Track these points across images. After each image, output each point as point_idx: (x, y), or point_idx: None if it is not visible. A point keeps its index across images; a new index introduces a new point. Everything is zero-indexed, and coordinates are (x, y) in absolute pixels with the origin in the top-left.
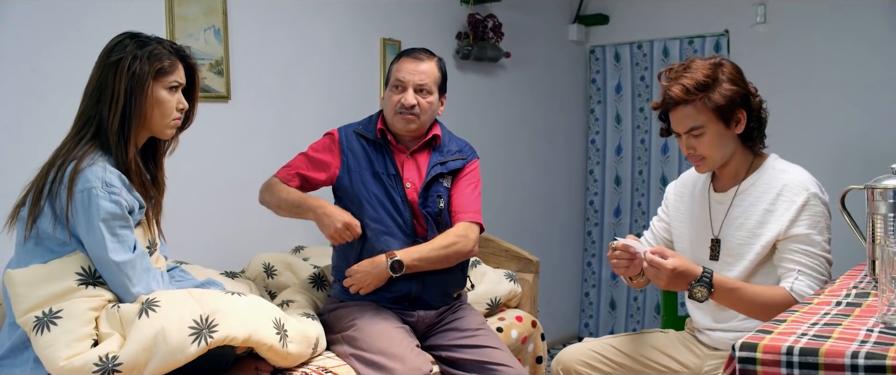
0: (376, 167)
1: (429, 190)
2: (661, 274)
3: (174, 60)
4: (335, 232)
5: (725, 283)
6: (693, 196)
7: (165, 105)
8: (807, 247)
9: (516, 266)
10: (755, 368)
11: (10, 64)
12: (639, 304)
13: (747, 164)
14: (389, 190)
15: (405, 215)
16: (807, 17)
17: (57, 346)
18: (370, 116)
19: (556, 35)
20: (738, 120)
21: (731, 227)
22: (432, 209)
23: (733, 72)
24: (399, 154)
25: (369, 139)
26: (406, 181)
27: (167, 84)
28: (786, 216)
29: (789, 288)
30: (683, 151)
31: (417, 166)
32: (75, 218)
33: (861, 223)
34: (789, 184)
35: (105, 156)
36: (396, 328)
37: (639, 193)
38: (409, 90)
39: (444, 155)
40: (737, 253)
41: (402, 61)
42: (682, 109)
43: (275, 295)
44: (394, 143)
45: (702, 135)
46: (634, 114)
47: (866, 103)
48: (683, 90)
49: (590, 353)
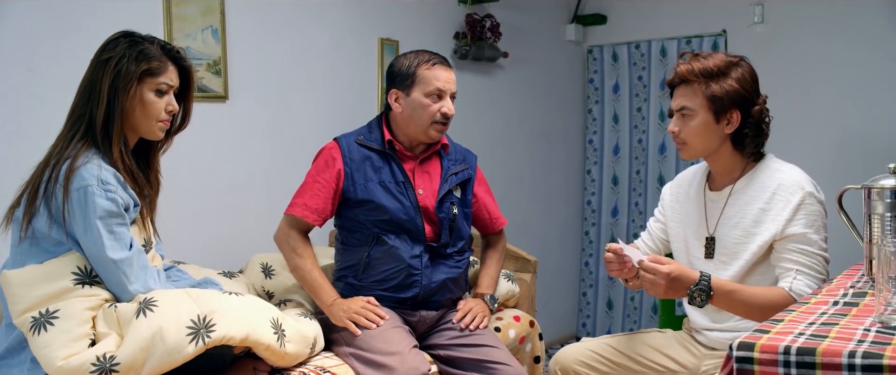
0: (383, 177)
1: (444, 197)
2: (659, 280)
3: (165, 62)
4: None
5: (723, 286)
6: (688, 195)
7: (151, 107)
8: (804, 246)
9: (514, 266)
10: (752, 367)
11: (7, 64)
12: (636, 304)
13: (741, 164)
14: (398, 197)
15: (417, 221)
16: (804, 17)
17: (54, 346)
18: (369, 124)
19: (553, 35)
20: (730, 119)
21: (726, 226)
22: (446, 215)
23: (745, 75)
24: (407, 161)
25: (374, 149)
26: (418, 187)
27: (155, 86)
28: (782, 215)
29: (788, 288)
30: (669, 130)
31: (428, 173)
32: (72, 216)
33: (858, 223)
34: (784, 184)
35: (99, 154)
36: (395, 327)
37: (636, 193)
38: (448, 99)
39: (453, 163)
40: (732, 252)
41: (437, 69)
42: (682, 87)
43: (272, 296)
44: (403, 151)
45: (689, 118)
46: (632, 114)
47: (864, 103)
48: (689, 71)
49: (588, 353)
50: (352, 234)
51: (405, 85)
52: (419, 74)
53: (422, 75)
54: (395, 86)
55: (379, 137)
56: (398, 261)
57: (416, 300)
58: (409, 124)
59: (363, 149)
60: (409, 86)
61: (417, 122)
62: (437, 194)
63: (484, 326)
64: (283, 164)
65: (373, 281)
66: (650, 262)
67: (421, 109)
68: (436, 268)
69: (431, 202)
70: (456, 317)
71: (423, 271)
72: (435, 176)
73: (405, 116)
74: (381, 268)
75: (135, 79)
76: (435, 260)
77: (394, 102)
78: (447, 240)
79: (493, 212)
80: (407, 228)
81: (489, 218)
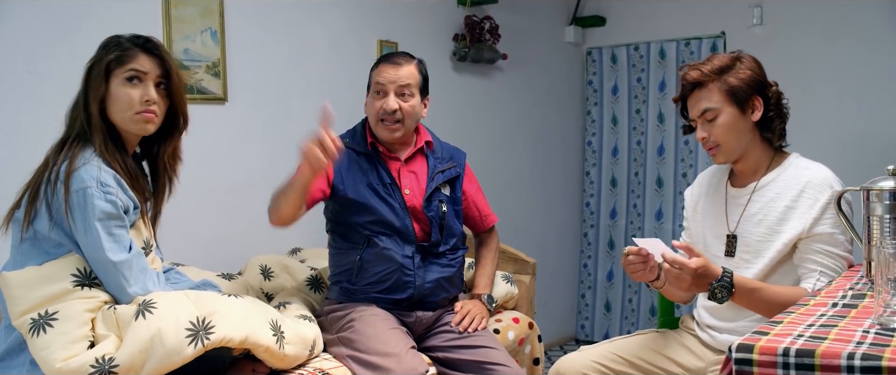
0: (370, 179)
1: (431, 196)
2: (685, 275)
3: (131, 48)
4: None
5: (746, 284)
6: (708, 194)
7: (123, 97)
8: (829, 248)
9: (513, 267)
10: (751, 369)
11: (7, 65)
12: (633, 306)
13: (768, 160)
14: (386, 198)
15: (405, 221)
16: (803, 18)
17: (53, 348)
18: (354, 128)
19: (552, 37)
20: (754, 106)
21: (750, 223)
22: (435, 213)
23: (752, 63)
24: (393, 162)
25: (359, 151)
26: (404, 187)
27: (123, 74)
28: (809, 214)
29: (811, 289)
30: (698, 138)
31: (414, 173)
32: (71, 218)
33: (857, 224)
34: (813, 181)
35: (98, 156)
36: (392, 329)
37: (634, 195)
38: (391, 94)
39: (439, 161)
40: (755, 250)
41: (381, 67)
42: (697, 93)
43: (271, 297)
44: (386, 153)
45: (715, 118)
46: (631, 115)
47: (863, 104)
48: (700, 73)
49: (589, 363)
50: (343, 238)
51: (368, 88)
52: (371, 77)
53: (371, 77)
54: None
55: (362, 140)
56: (390, 263)
57: (411, 300)
58: (371, 125)
59: (350, 151)
60: (368, 89)
61: (371, 122)
62: (424, 193)
63: (483, 327)
64: (282, 166)
65: (367, 283)
66: (677, 256)
67: (369, 108)
68: (428, 268)
69: (419, 201)
70: (454, 321)
71: (415, 271)
72: (422, 175)
73: (369, 118)
74: (374, 270)
75: (103, 72)
76: (427, 260)
77: (365, 107)
78: (438, 239)
79: (482, 210)
80: (397, 229)
81: (479, 215)
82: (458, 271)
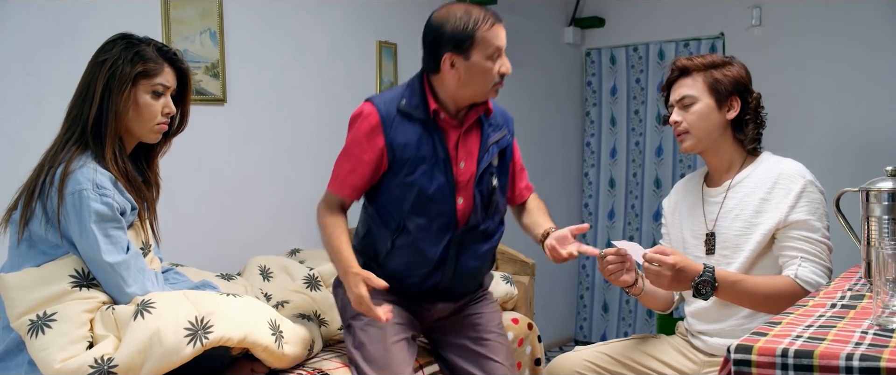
0: (423, 151)
1: (484, 170)
2: (664, 271)
3: (160, 63)
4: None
5: (728, 277)
6: (685, 198)
7: (146, 109)
8: (807, 234)
9: (513, 268)
10: (750, 370)
11: (5, 67)
12: (631, 308)
13: (741, 159)
14: (436, 175)
15: (450, 201)
16: (802, 19)
17: (52, 349)
18: (410, 86)
19: (551, 38)
20: (731, 105)
21: (727, 219)
22: (485, 188)
23: (741, 69)
24: (452, 131)
25: (416, 118)
26: (459, 160)
27: (150, 87)
28: (784, 203)
29: (794, 275)
30: (671, 122)
31: (469, 144)
32: (67, 220)
33: (856, 225)
34: (785, 172)
35: (94, 157)
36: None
37: (633, 196)
38: (505, 56)
39: (493, 129)
40: (734, 245)
41: (495, 27)
42: (682, 80)
43: (271, 298)
44: (447, 121)
45: (691, 105)
46: (629, 116)
47: (861, 105)
48: (690, 61)
49: (583, 363)
50: (378, 214)
51: (463, 48)
52: (479, 36)
53: (482, 37)
54: (449, 50)
55: (423, 105)
56: (420, 256)
57: (437, 290)
58: (466, 88)
59: (404, 118)
60: (468, 50)
61: (477, 86)
62: (476, 169)
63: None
64: (281, 167)
65: (393, 269)
66: (654, 253)
67: (482, 72)
68: (463, 256)
69: (470, 176)
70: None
71: (447, 264)
72: (474, 147)
73: (462, 82)
74: (403, 260)
75: (129, 80)
76: (464, 246)
77: (449, 68)
78: (480, 219)
79: (525, 180)
80: (439, 209)
81: (521, 187)
82: (492, 257)
